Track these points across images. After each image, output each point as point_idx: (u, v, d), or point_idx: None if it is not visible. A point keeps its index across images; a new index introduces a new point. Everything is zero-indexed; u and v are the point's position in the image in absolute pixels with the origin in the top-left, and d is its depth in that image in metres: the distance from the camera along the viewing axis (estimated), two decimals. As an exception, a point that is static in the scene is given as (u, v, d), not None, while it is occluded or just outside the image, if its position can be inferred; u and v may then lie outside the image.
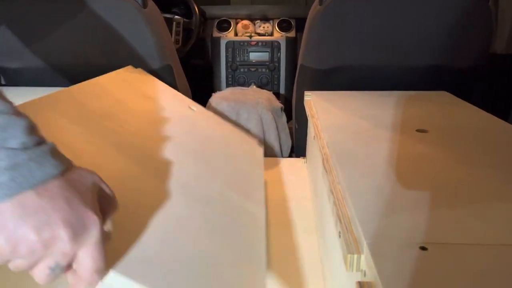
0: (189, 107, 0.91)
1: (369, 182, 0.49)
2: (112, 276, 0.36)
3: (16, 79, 1.15)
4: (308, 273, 0.70)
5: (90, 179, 0.36)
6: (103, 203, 0.37)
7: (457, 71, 1.02)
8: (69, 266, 0.33)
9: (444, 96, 0.94)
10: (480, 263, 0.34)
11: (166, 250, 0.42)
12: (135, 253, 0.39)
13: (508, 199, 0.45)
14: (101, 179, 0.37)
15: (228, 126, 0.97)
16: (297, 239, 0.79)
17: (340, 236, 0.42)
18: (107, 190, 0.37)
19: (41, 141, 0.33)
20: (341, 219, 0.44)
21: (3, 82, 1.18)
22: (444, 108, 0.84)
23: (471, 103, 0.86)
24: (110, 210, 0.38)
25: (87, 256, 0.33)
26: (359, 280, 0.37)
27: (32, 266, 0.32)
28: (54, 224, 0.31)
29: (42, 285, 0.33)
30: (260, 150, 0.91)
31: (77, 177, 0.34)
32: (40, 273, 0.32)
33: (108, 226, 0.39)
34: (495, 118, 0.75)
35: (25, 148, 0.31)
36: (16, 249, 0.30)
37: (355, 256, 0.38)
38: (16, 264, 0.32)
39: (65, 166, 0.34)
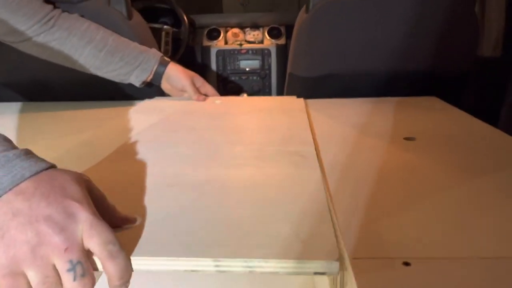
0: (213, 102, 0.92)
1: (355, 196, 0.48)
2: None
3: (2, 94, 1.14)
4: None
5: (74, 175, 0.35)
6: (96, 205, 0.36)
7: (445, 75, 1.02)
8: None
9: (433, 101, 0.93)
10: (464, 278, 0.34)
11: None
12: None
13: (493, 210, 0.45)
14: (90, 180, 0.37)
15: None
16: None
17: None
18: (96, 192, 0.37)
19: (6, 149, 0.34)
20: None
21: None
22: (433, 113, 0.83)
23: (460, 107, 0.86)
24: (104, 213, 0.37)
25: (90, 238, 0.32)
26: (343, 297, 0.36)
27: (45, 274, 0.31)
28: (35, 222, 0.31)
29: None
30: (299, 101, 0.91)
31: (55, 174, 0.34)
32: (66, 281, 0.31)
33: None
34: (483, 123, 0.74)
35: None
36: (14, 256, 0.30)
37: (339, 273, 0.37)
38: (32, 280, 0.31)
39: (40, 168, 0.34)
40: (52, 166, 0.36)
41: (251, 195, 0.46)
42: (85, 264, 0.32)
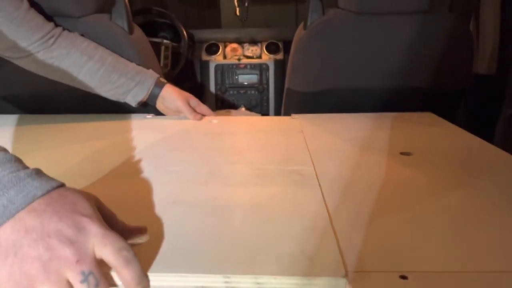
0: (210, 121, 0.93)
1: (352, 210, 0.48)
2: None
3: (3, 106, 1.14)
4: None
5: (83, 193, 0.37)
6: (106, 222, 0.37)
7: (441, 92, 1.04)
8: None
9: (428, 117, 0.95)
10: (461, 292, 0.34)
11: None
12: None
13: (489, 224, 0.45)
14: (98, 198, 0.38)
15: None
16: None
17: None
18: (105, 210, 0.38)
19: (17, 169, 0.35)
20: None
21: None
22: (429, 129, 0.84)
23: (455, 123, 0.87)
24: (114, 229, 0.37)
25: (103, 247, 0.33)
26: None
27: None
28: (47, 237, 0.32)
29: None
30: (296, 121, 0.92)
31: (65, 192, 0.35)
32: None
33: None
34: (478, 139, 0.75)
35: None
36: (27, 273, 0.31)
37: (336, 286, 0.37)
38: None
39: (51, 186, 0.35)
40: (62, 185, 0.37)
41: (255, 213, 0.47)
42: (98, 274, 0.32)
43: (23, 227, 0.32)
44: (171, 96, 0.92)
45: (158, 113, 0.99)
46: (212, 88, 1.79)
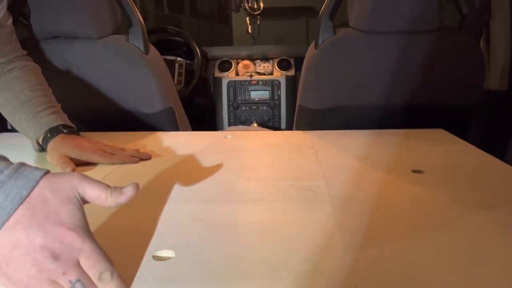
0: (225, 137, 0.95)
1: (361, 229, 0.49)
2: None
3: None
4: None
5: (66, 191, 0.37)
6: (93, 195, 0.38)
7: (453, 108, 1.04)
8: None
9: (440, 134, 0.95)
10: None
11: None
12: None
13: (503, 245, 0.45)
14: (81, 178, 0.38)
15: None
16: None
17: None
18: (92, 187, 0.38)
19: (2, 170, 0.36)
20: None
21: (9, 127, 1.21)
22: (440, 146, 0.85)
23: (467, 140, 0.87)
24: (104, 197, 0.38)
25: (87, 270, 0.34)
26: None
27: None
28: (33, 252, 0.34)
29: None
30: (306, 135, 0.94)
31: (48, 195, 0.36)
32: None
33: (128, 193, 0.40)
34: (490, 157, 0.75)
35: None
36: (20, 281, 0.33)
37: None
38: None
39: (34, 181, 0.35)
40: (46, 172, 0.37)
41: (270, 230, 0.49)
42: (84, 279, 0.34)
43: (12, 241, 0.34)
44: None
45: (174, 127, 1.00)
46: (225, 104, 1.82)
